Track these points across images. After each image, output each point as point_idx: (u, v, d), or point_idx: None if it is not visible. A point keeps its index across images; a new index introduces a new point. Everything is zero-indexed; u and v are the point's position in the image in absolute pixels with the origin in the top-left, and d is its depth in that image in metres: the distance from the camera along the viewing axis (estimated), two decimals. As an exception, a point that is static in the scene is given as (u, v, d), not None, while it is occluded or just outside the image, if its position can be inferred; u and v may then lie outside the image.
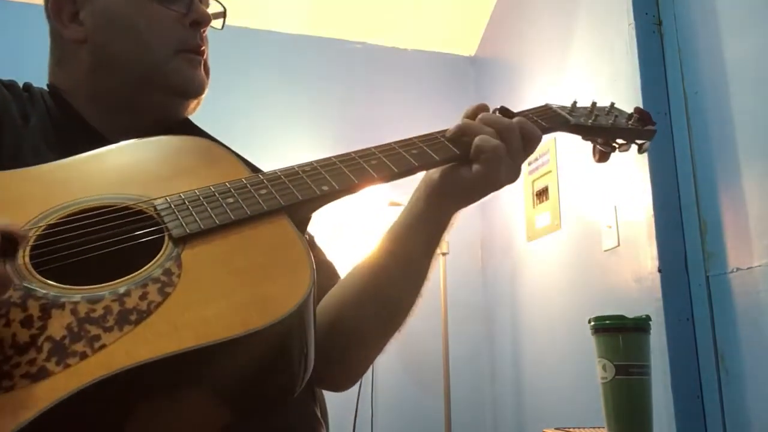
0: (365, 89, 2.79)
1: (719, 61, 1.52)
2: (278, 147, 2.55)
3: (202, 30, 0.79)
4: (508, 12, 2.63)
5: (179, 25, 0.77)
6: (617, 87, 1.78)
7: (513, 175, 0.68)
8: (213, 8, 0.83)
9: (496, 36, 2.76)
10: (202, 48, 0.79)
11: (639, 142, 0.80)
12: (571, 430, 1.42)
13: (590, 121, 0.78)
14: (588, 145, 0.82)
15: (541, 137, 0.71)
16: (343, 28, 2.79)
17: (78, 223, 0.54)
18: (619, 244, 1.75)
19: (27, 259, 0.50)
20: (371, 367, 0.82)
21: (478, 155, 0.66)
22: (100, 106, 0.77)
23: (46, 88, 0.79)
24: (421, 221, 0.72)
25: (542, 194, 2.22)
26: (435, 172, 0.71)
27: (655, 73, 1.68)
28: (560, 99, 2.38)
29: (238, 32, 2.55)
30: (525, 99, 2.37)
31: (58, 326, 0.45)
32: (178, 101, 0.79)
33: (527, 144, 0.69)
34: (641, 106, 1.63)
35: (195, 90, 0.78)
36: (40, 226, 0.53)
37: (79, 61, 0.77)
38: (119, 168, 0.63)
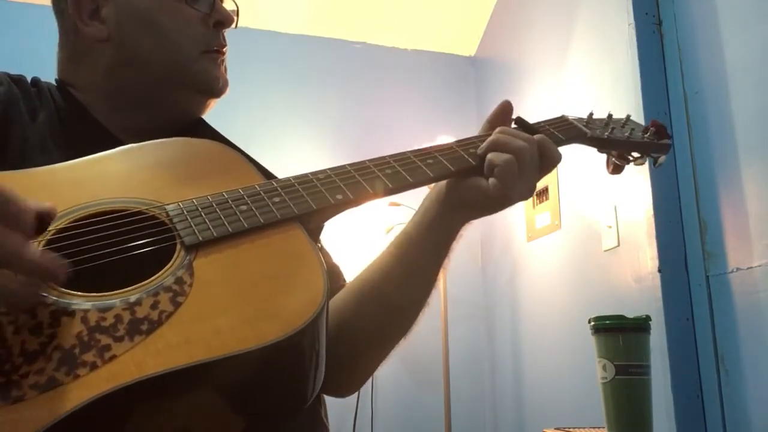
0: (365, 89, 2.78)
1: (719, 61, 1.52)
2: (278, 147, 2.55)
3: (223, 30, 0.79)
4: (508, 12, 2.63)
5: (203, 24, 0.77)
6: (617, 87, 1.78)
7: (525, 193, 0.68)
8: (225, 6, 0.83)
9: (496, 36, 2.75)
10: (225, 48, 0.80)
11: (654, 155, 0.80)
12: (571, 430, 1.42)
13: (606, 133, 0.78)
14: (587, 146, 0.81)
15: (560, 159, 0.70)
16: (343, 28, 2.78)
17: (89, 228, 0.53)
18: (619, 244, 1.75)
19: None
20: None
21: (491, 170, 0.66)
22: (115, 103, 0.76)
23: (53, 82, 0.78)
24: (431, 230, 0.72)
25: (542, 194, 2.22)
26: (447, 182, 0.71)
27: (655, 73, 1.68)
28: (560, 99, 2.37)
29: (238, 32, 2.54)
30: (525, 99, 2.36)
31: (68, 335, 0.44)
32: (201, 100, 0.79)
33: (544, 163, 0.69)
34: (641, 106, 1.64)
35: (220, 89, 0.78)
36: (50, 231, 0.52)
37: (97, 59, 0.75)
38: (131, 171, 0.62)
